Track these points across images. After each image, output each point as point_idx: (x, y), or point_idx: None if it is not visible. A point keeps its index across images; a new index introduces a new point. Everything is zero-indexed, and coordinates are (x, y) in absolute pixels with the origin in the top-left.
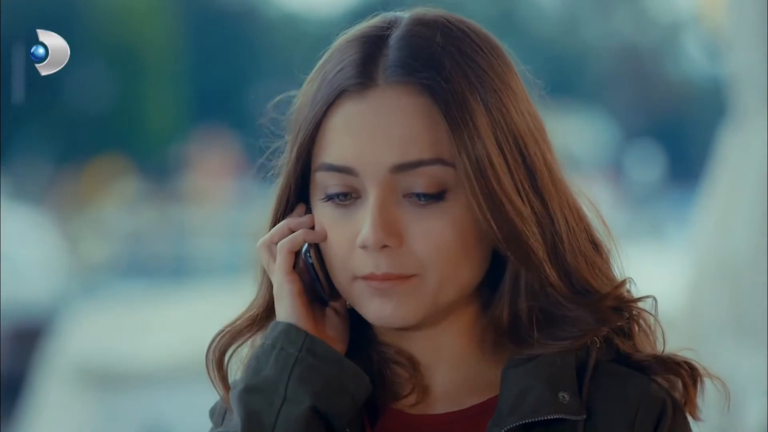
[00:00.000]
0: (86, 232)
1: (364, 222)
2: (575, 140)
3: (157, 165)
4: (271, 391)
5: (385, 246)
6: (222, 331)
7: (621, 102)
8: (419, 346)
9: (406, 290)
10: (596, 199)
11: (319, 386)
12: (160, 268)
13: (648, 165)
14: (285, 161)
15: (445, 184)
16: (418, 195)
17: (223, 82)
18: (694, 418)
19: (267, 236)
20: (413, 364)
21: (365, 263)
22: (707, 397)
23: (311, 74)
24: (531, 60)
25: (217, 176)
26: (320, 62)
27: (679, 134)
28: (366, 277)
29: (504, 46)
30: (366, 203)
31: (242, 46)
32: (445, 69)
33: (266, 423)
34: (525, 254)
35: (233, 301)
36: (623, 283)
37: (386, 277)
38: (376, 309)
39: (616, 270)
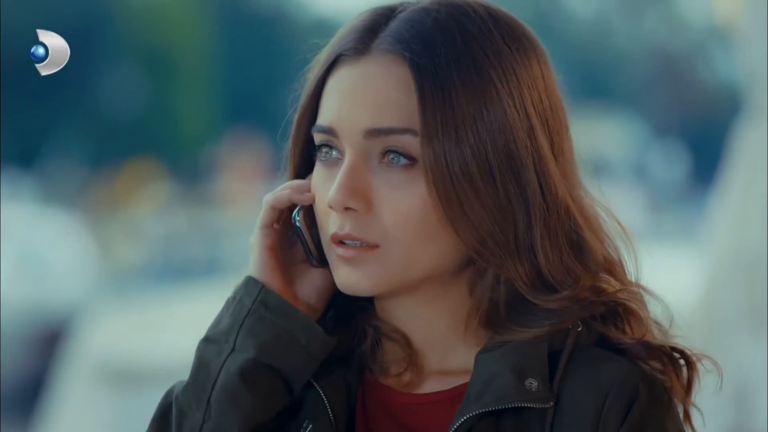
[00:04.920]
0: (119, 235)
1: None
2: (608, 142)
3: (189, 168)
4: (223, 342)
5: (349, 208)
6: None
7: (653, 105)
8: (411, 326)
9: (371, 260)
10: (624, 200)
11: (268, 338)
12: (191, 270)
13: (677, 165)
14: (291, 128)
15: (415, 155)
16: (390, 155)
17: (254, 86)
18: (683, 404)
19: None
20: (407, 342)
21: (333, 223)
22: (721, 392)
23: None
24: (565, 64)
25: (248, 179)
26: None
27: (709, 136)
28: (332, 237)
29: (535, 40)
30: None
31: (273, 51)
32: (430, 43)
33: (212, 372)
34: (477, 239)
35: None
36: (594, 277)
37: (348, 237)
38: (343, 277)
39: (628, 269)
